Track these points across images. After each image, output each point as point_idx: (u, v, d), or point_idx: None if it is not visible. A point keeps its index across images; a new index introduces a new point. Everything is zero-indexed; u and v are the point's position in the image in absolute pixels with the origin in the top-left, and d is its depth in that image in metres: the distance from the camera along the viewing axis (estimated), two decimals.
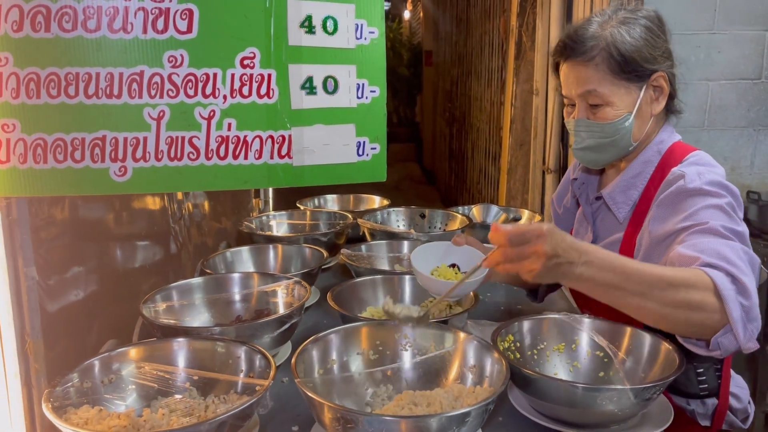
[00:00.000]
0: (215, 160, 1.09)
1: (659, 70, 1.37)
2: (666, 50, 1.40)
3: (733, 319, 1.10)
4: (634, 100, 1.38)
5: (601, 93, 1.38)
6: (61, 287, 1.29)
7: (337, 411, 0.99)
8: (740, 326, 1.10)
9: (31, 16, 0.99)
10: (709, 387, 1.43)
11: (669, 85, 1.39)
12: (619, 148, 1.43)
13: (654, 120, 1.43)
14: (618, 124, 1.39)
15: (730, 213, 1.28)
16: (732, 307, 1.10)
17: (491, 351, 1.20)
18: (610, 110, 1.39)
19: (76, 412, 1.07)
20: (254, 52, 1.08)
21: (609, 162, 1.50)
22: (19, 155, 1.03)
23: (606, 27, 1.38)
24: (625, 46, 1.35)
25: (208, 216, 2.31)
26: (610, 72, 1.37)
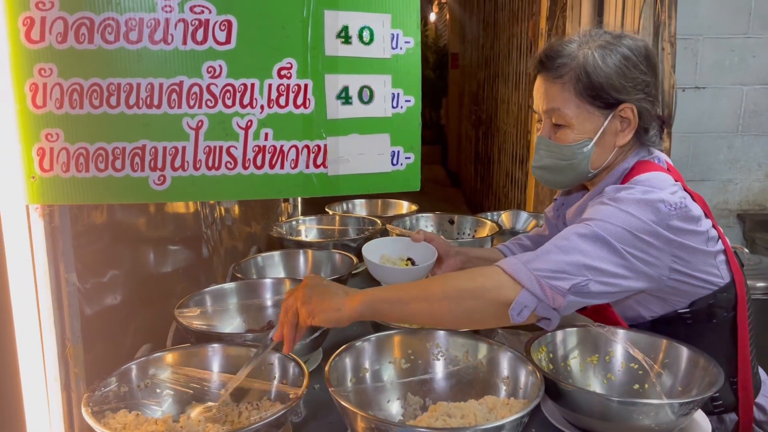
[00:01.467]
0: (252, 169, 1.10)
1: (627, 101, 1.33)
2: (642, 83, 1.33)
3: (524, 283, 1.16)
4: (597, 127, 1.35)
5: (564, 113, 1.35)
6: (98, 292, 1.31)
7: (372, 421, 1.00)
8: (535, 286, 1.15)
9: (75, 28, 1.01)
10: (724, 403, 1.38)
11: (637, 119, 1.34)
12: (576, 172, 1.39)
13: (619, 150, 1.38)
14: (576, 148, 1.36)
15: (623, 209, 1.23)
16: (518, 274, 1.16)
17: (525, 362, 1.19)
18: (570, 133, 1.36)
19: (114, 417, 1.09)
20: (291, 63, 1.08)
21: (568, 184, 1.47)
22: (62, 164, 1.05)
23: (583, 48, 1.34)
24: (595, 70, 1.31)
25: (239, 220, 2.33)
26: (575, 94, 1.33)
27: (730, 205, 3.49)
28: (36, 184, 1.05)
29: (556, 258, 1.18)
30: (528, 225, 2.45)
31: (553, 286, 1.16)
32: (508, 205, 5.71)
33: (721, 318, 1.35)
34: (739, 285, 1.35)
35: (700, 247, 1.28)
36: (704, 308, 1.33)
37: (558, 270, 1.17)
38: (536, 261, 1.18)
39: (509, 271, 1.17)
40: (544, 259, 1.18)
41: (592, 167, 1.38)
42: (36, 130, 1.03)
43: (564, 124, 1.36)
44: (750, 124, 3.41)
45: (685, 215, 1.24)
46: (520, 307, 1.16)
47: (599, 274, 1.18)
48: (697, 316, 1.34)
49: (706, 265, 1.30)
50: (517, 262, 1.19)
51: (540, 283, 1.16)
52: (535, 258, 1.19)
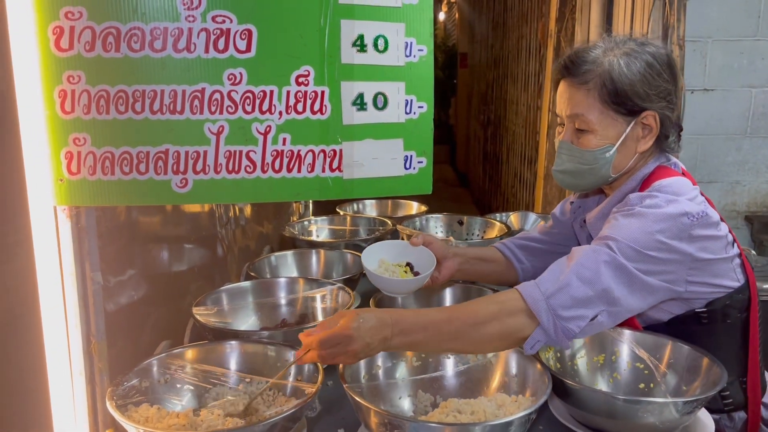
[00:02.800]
0: (270, 173, 1.14)
1: (650, 109, 1.35)
2: (664, 90, 1.36)
3: (542, 322, 1.20)
4: (619, 134, 1.37)
5: (588, 119, 1.37)
6: (119, 290, 1.36)
7: (385, 416, 1.03)
8: (550, 326, 1.20)
9: (102, 37, 1.05)
10: (734, 402, 1.42)
11: (659, 126, 1.36)
12: (597, 176, 1.41)
13: (640, 156, 1.41)
14: (598, 153, 1.38)
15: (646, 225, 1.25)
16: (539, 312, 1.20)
17: (533, 361, 1.22)
18: (593, 138, 1.38)
19: (136, 410, 1.13)
20: (309, 70, 1.12)
21: (588, 188, 1.49)
22: (89, 167, 1.09)
23: (608, 55, 1.36)
24: (620, 77, 1.33)
25: (252, 220, 2.38)
26: (599, 100, 1.35)
27: (738, 207, 3.50)
28: (64, 187, 1.09)
29: (577, 293, 1.21)
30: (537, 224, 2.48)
31: (565, 328, 1.20)
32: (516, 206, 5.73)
33: (734, 318, 1.38)
34: (752, 286, 1.39)
35: (718, 255, 1.31)
36: (720, 309, 1.36)
37: (576, 307, 1.21)
38: (558, 295, 1.21)
39: (531, 305, 1.21)
40: (566, 294, 1.21)
41: (613, 172, 1.40)
42: (64, 134, 1.08)
43: (587, 129, 1.38)
44: (758, 126, 3.42)
45: (706, 222, 1.27)
46: (533, 341, 1.22)
47: (615, 305, 1.23)
48: (712, 315, 1.36)
49: (724, 270, 1.33)
50: (540, 299, 1.21)
51: (555, 324, 1.20)
52: (557, 292, 1.21)
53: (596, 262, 1.23)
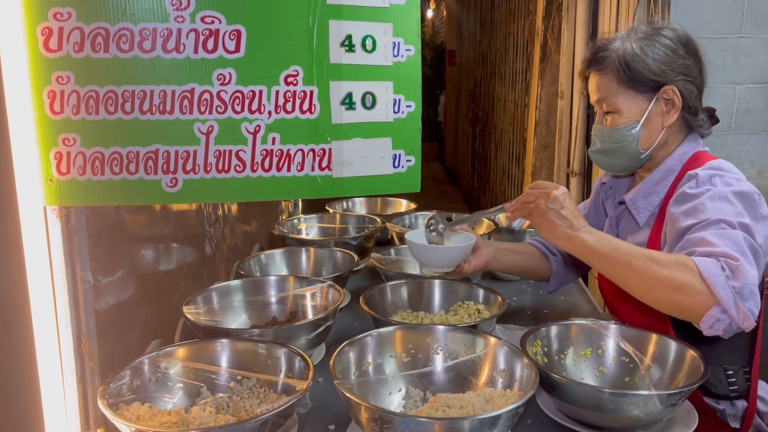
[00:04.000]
0: (260, 172, 1.15)
1: (669, 84, 1.43)
2: (681, 66, 1.43)
3: (723, 302, 1.15)
4: (642, 110, 1.46)
5: (612, 101, 1.48)
6: (110, 289, 1.36)
7: (375, 412, 1.05)
8: (732, 307, 1.15)
9: (91, 38, 1.06)
10: (739, 389, 1.46)
11: (680, 99, 1.43)
12: (628, 154, 1.50)
13: (669, 132, 1.49)
14: (625, 130, 1.48)
15: (735, 203, 1.30)
16: (720, 291, 1.15)
17: (521, 356, 1.24)
18: (618, 118, 1.49)
19: (128, 409, 1.14)
20: (297, 70, 1.13)
21: (623, 167, 1.56)
22: (79, 167, 1.09)
23: (624, 41, 1.47)
24: (633, 58, 1.43)
25: (241, 218, 2.38)
26: (618, 82, 1.47)
27: None
28: (53, 187, 1.10)
29: (751, 274, 1.18)
30: (524, 223, 2.50)
31: (748, 308, 1.17)
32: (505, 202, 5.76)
33: None
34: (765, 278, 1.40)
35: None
36: None
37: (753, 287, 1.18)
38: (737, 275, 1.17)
39: (706, 278, 1.17)
40: (743, 273, 1.17)
41: (642, 148, 1.49)
42: (54, 135, 1.08)
43: (613, 110, 1.49)
44: (743, 122, 3.47)
45: (763, 204, 1.34)
46: (712, 320, 1.17)
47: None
48: None
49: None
50: (719, 274, 1.17)
51: (737, 303, 1.16)
52: (735, 271, 1.18)
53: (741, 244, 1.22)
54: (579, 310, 1.89)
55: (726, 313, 1.16)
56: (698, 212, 1.31)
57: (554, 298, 2.00)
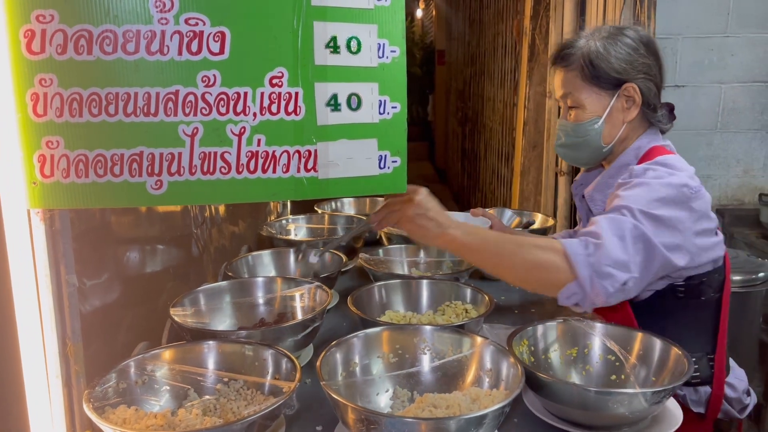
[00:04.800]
0: (245, 173, 1.14)
1: (630, 81, 1.50)
2: (642, 64, 1.51)
3: (580, 278, 1.27)
4: (604, 106, 1.53)
5: (576, 96, 1.55)
6: (95, 292, 1.36)
7: (362, 413, 1.05)
8: (587, 283, 1.27)
9: (74, 40, 1.05)
10: (702, 375, 1.52)
11: (640, 96, 1.51)
12: (591, 148, 1.57)
13: (629, 127, 1.56)
14: (587, 125, 1.55)
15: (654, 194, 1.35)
16: (579, 268, 1.27)
17: (507, 355, 1.25)
18: (582, 113, 1.56)
19: (114, 412, 1.14)
20: (282, 72, 1.13)
21: (587, 161, 1.64)
22: (62, 170, 1.09)
23: (589, 40, 1.54)
24: (597, 56, 1.50)
25: (228, 220, 2.38)
26: (582, 78, 1.53)
27: None
28: (37, 190, 1.09)
29: (615, 253, 1.28)
30: (512, 222, 2.52)
31: (602, 287, 1.27)
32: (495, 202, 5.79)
33: (708, 297, 1.50)
34: (727, 271, 1.49)
35: (710, 234, 1.43)
36: (696, 285, 1.48)
37: (613, 267, 1.27)
38: (598, 254, 1.28)
39: (571, 257, 1.29)
40: (605, 253, 1.27)
41: (604, 142, 1.56)
42: (37, 137, 1.07)
43: (577, 105, 1.56)
44: (728, 121, 3.50)
45: (703, 198, 1.40)
46: (569, 293, 1.31)
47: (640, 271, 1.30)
48: (689, 290, 1.48)
49: (711, 247, 1.45)
50: (581, 252, 1.28)
51: (593, 279, 1.27)
52: (596, 249, 1.28)
53: (623, 226, 1.30)
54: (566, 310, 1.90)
55: (581, 288, 1.29)
56: (616, 200, 1.38)
57: (541, 298, 2.01)
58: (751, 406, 1.62)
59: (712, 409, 1.53)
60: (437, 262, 2.05)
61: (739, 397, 1.59)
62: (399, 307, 1.72)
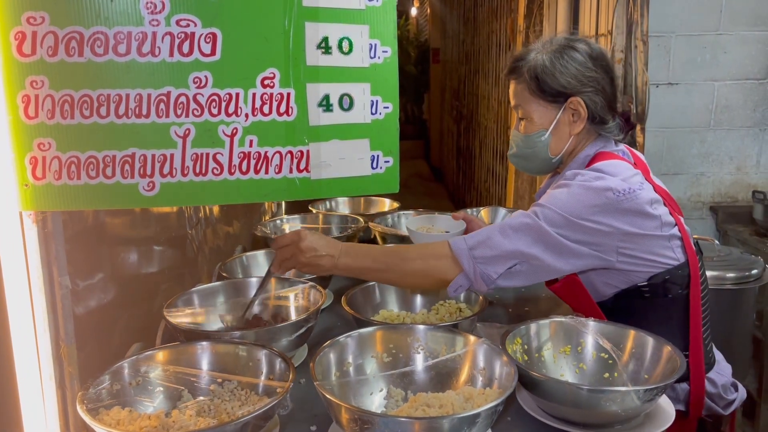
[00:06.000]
0: (238, 174, 1.15)
1: (575, 95, 1.52)
2: (589, 78, 1.52)
3: (465, 269, 1.44)
4: (551, 119, 1.55)
5: (525, 109, 1.58)
6: (89, 293, 1.36)
7: (355, 413, 1.05)
8: (471, 272, 1.44)
9: (65, 42, 1.05)
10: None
11: (586, 110, 1.52)
12: (540, 159, 1.60)
13: (577, 138, 1.58)
14: (535, 137, 1.57)
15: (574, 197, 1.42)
16: (462, 260, 1.44)
17: (500, 354, 1.25)
18: (530, 125, 1.58)
19: (108, 413, 1.14)
20: (274, 73, 1.13)
21: (538, 170, 1.68)
22: (54, 172, 1.09)
23: (538, 53, 1.55)
24: (543, 71, 1.52)
25: (222, 220, 2.38)
26: (530, 91, 1.56)
27: (702, 197, 3.59)
28: (29, 192, 1.09)
29: (497, 244, 1.43)
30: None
31: (484, 273, 1.43)
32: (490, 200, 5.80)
33: (676, 294, 1.50)
34: (692, 266, 1.51)
35: (652, 232, 1.44)
36: (660, 283, 1.49)
37: (495, 256, 1.43)
38: (479, 247, 1.44)
39: (456, 254, 1.45)
40: (486, 245, 1.44)
41: (551, 153, 1.59)
42: (28, 139, 1.07)
43: (525, 117, 1.59)
44: (721, 119, 3.51)
45: (634, 200, 1.41)
46: (456, 286, 1.47)
47: (531, 259, 1.43)
48: (654, 290, 1.50)
49: (659, 247, 1.46)
50: (464, 248, 1.45)
51: (475, 269, 1.43)
52: (479, 244, 1.44)
53: (519, 223, 1.43)
54: (560, 308, 1.91)
55: (467, 277, 1.45)
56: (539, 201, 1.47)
57: (536, 296, 2.02)
58: (737, 402, 1.61)
59: (694, 406, 1.52)
60: None
61: (719, 392, 1.58)
62: (393, 307, 1.73)
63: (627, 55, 3.06)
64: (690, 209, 3.59)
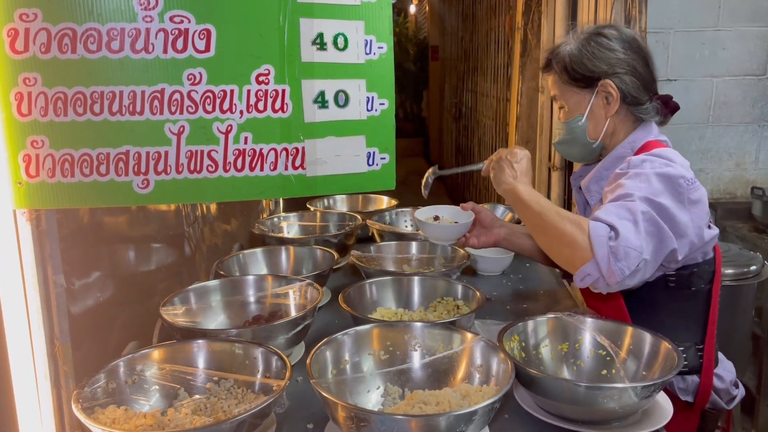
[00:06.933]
0: (233, 172, 1.14)
1: (605, 78, 1.55)
2: (617, 60, 1.55)
3: (598, 258, 1.31)
4: (585, 104, 1.60)
5: (561, 98, 1.65)
6: (84, 291, 1.35)
7: (351, 410, 1.05)
8: (604, 263, 1.30)
9: (58, 39, 1.04)
10: (689, 365, 1.55)
11: (618, 91, 1.55)
12: (580, 143, 1.64)
13: (614, 121, 1.59)
14: (572, 123, 1.63)
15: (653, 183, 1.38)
16: (597, 248, 1.31)
17: (497, 351, 1.25)
18: (567, 112, 1.65)
19: (103, 412, 1.13)
20: (269, 69, 1.13)
21: (581, 156, 1.70)
22: (48, 170, 1.08)
23: (566, 45, 1.62)
24: (571, 59, 1.58)
25: (220, 218, 2.37)
26: (562, 81, 1.62)
27: None
28: (23, 190, 1.08)
29: (631, 237, 1.30)
30: (505, 217, 2.51)
31: (619, 269, 1.30)
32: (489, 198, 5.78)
33: (699, 288, 1.52)
34: (718, 263, 1.54)
35: (705, 223, 1.44)
36: (687, 275, 1.51)
37: (629, 250, 1.30)
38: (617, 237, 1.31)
39: (591, 235, 1.32)
40: (622, 236, 1.30)
41: (590, 138, 1.62)
42: (22, 137, 1.07)
43: (563, 106, 1.66)
44: (720, 115, 3.50)
45: (698, 189, 1.42)
46: (583, 274, 1.34)
47: (651, 255, 1.33)
48: (679, 281, 1.51)
49: (706, 237, 1.46)
50: (603, 233, 1.32)
51: (609, 261, 1.30)
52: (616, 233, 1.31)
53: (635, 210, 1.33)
54: (559, 305, 1.91)
55: (598, 268, 1.31)
56: (618, 189, 1.42)
57: (534, 293, 2.02)
58: (738, 398, 1.64)
59: (700, 398, 1.55)
60: (429, 259, 2.05)
61: (727, 388, 1.61)
62: (391, 304, 1.72)
63: None
64: None
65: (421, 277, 1.75)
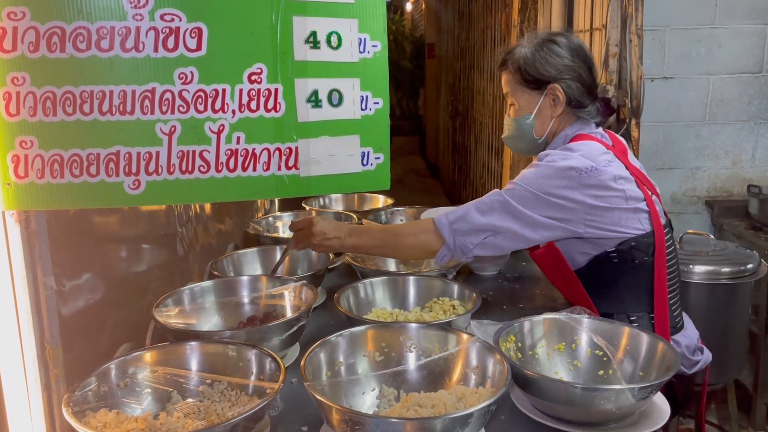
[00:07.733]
0: (225, 172, 1.12)
1: (554, 82, 1.69)
2: (565, 67, 1.70)
3: (447, 242, 1.65)
4: (534, 104, 1.74)
5: (513, 96, 1.79)
6: (75, 293, 1.33)
7: (345, 413, 1.04)
8: (452, 243, 1.65)
9: (46, 38, 1.03)
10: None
11: (564, 95, 1.70)
12: (527, 139, 1.80)
13: (558, 121, 1.75)
14: (521, 120, 1.77)
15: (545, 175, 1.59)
16: (444, 233, 1.65)
17: (493, 352, 1.24)
18: (517, 110, 1.79)
19: (94, 416, 1.12)
20: (261, 68, 1.11)
21: (527, 150, 1.87)
22: (37, 171, 1.06)
23: (523, 47, 1.74)
24: (524, 61, 1.72)
25: (214, 217, 2.35)
26: (515, 81, 1.76)
27: (698, 192, 3.58)
28: (11, 191, 1.07)
29: (473, 219, 1.63)
30: None
31: (462, 244, 1.64)
32: None
33: (641, 260, 1.65)
34: (658, 236, 1.65)
35: (616, 204, 1.59)
36: (627, 250, 1.64)
37: (471, 230, 1.64)
38: (458, 222, 1.65)
39: (438, 228, 1.66)
40: (464, 220, 1.64)
41: (536, 134, 1.78)
42: (10, 137, 1.05)
43: (513, 103, 1.80)
44: (717, 113, 3.50)
45: (596, 176, 1.57)
46: (441, 255, 1.68)
47: (503, 231, 1.62)
48: (622, 256, 1.65)
49: (623, 218, 1.61)
50: (446, 223, 1.66)
51: (455, 240, 1.64)
52: (458, 219, 1.65)
53: (492, 200, 1.63)
54: (555, 304, 1.90)
55: (448, 247, 1.66)
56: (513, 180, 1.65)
57: (530, 292, 2.01)
58: (701, 364, 1.77)
59: None
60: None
61: (683, 351, 1.73)
62: (386, 305, 1.71)
63: (622, 49, 3.04)
64: (685, 204, 3.58)
65: (416, 277, 1.74)
